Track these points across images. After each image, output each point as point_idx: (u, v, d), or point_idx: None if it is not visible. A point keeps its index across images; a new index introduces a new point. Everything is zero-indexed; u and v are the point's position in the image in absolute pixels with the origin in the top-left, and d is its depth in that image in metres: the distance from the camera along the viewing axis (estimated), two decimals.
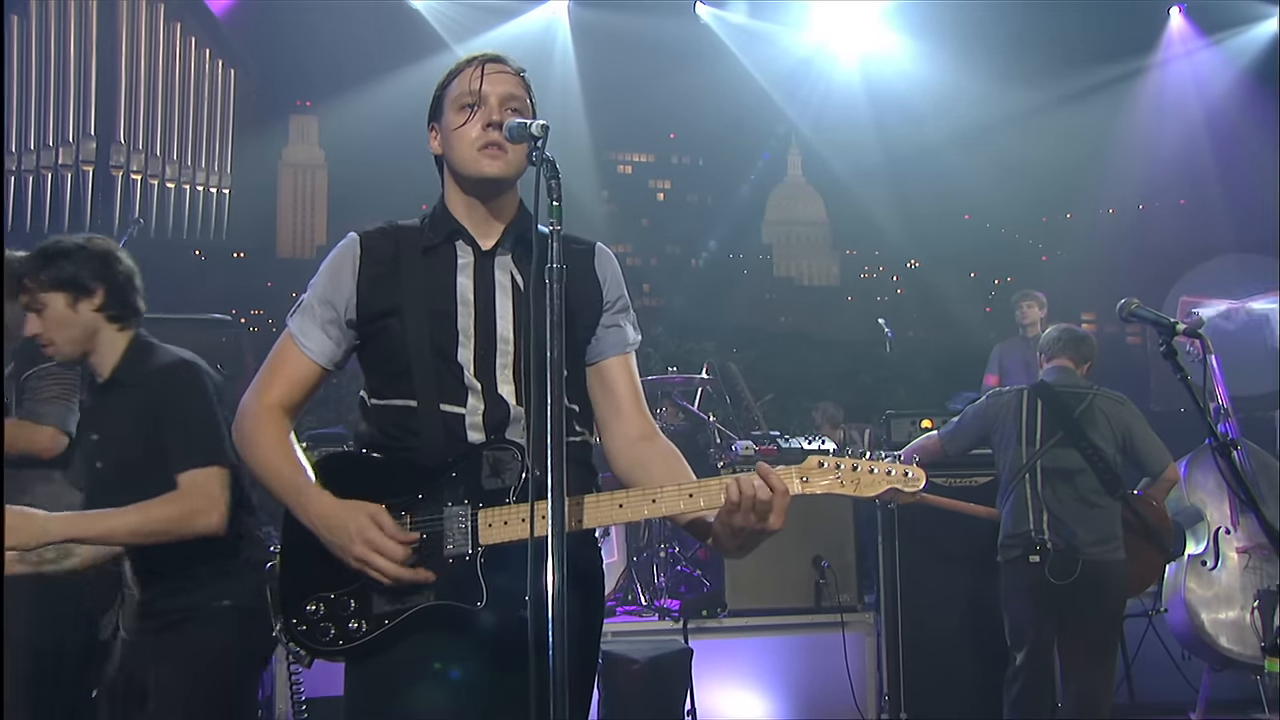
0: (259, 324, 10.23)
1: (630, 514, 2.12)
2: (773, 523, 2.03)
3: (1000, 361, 7.95)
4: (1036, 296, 7.89)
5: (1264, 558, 5.99)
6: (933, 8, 9.87)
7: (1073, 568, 4.40)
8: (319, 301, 2.28)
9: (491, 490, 2.13)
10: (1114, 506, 4.54)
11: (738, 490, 2.02)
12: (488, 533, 2.10)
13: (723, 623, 5.49)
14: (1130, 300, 3.32)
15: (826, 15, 10.44)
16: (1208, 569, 5.98)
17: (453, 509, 2.12)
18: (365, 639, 2.10)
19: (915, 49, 10.36)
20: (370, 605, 2.10)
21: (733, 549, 2.10)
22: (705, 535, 2.19)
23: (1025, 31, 9.54)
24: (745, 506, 2.02)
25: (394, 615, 2.10)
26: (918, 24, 10.17)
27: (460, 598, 2.09)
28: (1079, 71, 9.79)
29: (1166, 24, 10.54)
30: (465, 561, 2.10)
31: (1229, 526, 6.08)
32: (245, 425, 2.26)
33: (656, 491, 2.12)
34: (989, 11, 9.57)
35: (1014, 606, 4.62)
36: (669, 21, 10.31)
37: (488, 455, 2.16)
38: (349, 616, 2.10)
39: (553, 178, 2.00)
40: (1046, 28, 9.45)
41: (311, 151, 12.04)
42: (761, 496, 2.01)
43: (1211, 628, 5.91)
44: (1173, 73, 10.55)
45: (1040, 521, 4.49)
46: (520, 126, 2.12)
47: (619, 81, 10.56)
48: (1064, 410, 4.63)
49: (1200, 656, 6.09)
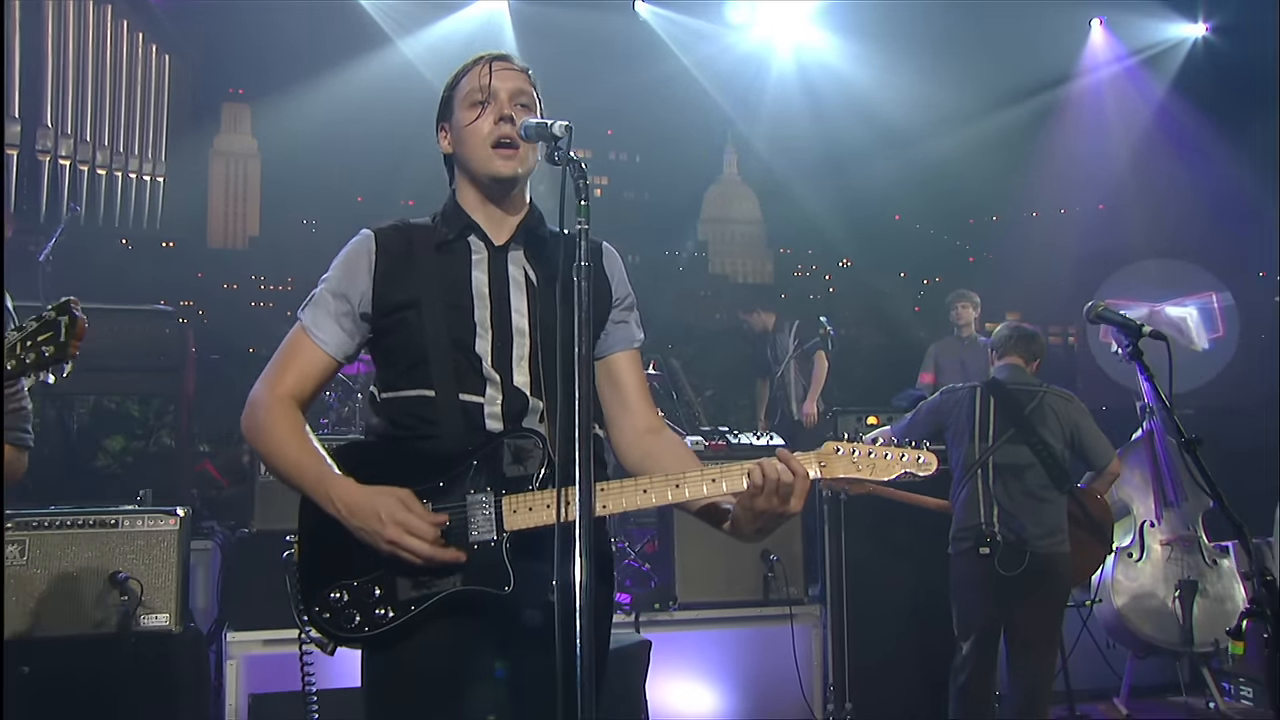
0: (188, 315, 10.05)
1: (654, 498, 2.18)
2: (793, 505, 2.14)
3: (936, 360, 8.17)
4: (970, 297, 8.11)
5: (1185, 549, 6.28)
6: (865, 10, 10.03)
7: (1021, 560, 4.58)
8: (333, 295, 2.33)
9: (514, 478, 2.19)
10: (1061, 500, 4.74)
11: (761, 475, 2.13)
12: (512, 519, 2.16)
13: (673, 615, 5.55)
14: (1098, 303, 3.48)
15: (765, 15, 10.56)
16: (1133, 560, 6.25)
17: (475, 496, 2.18)
18: (392, 625, 2.14)
19: (849, 50, 10.49)
20: (396, 592, 2.14)
21: (751, 532, 2.20)
22: (718, 521, 2.28)
23: (954, 36, 9.74)
24: (769, 490, 2.12)
25: (420, 601, 2.14)
26: (851, 25, 10.31)
27: (488, 582, 2.15)
28: (1006, 78, 10.03)
29: (1088, 35, 10.89)
30: (491, 547, 2.15)
31: (1153, 520, 6.36)
32: (259, 416, 2.28)
33: (680, 476, 2.19)
34: (920, 15, 9.75)
35: (963, 597, 4.79)
36: (609, 18, 10.32)
37: (509, 443, 2.22)
38: (375, 603, 2.14)
39: (580, 177, 2.06)
40: (974, 33, 9.64)
41: (244, 140, 11.85)
42: (785, 479, 2.12)
43: (1136, 617, 6.18)
44: (1094, 82, 10.88)
45: (991, 515, 4.67)
46: (540, 126, 2.18)
47: (558, 76, 10.40)
48: (1015, 407, 4.82)
49: (1125, 644, 6.37)
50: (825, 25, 10.61)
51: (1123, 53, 10.85)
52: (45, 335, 2.15)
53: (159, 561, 4.23)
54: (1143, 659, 6.51)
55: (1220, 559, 6.29)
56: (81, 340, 2.16)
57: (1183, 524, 6.33)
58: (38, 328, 2.16)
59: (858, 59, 10.52)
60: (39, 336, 2.15)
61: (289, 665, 4.86)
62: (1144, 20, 10.54)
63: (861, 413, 6.01)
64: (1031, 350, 5.11)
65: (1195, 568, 6.22)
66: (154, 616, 4.18)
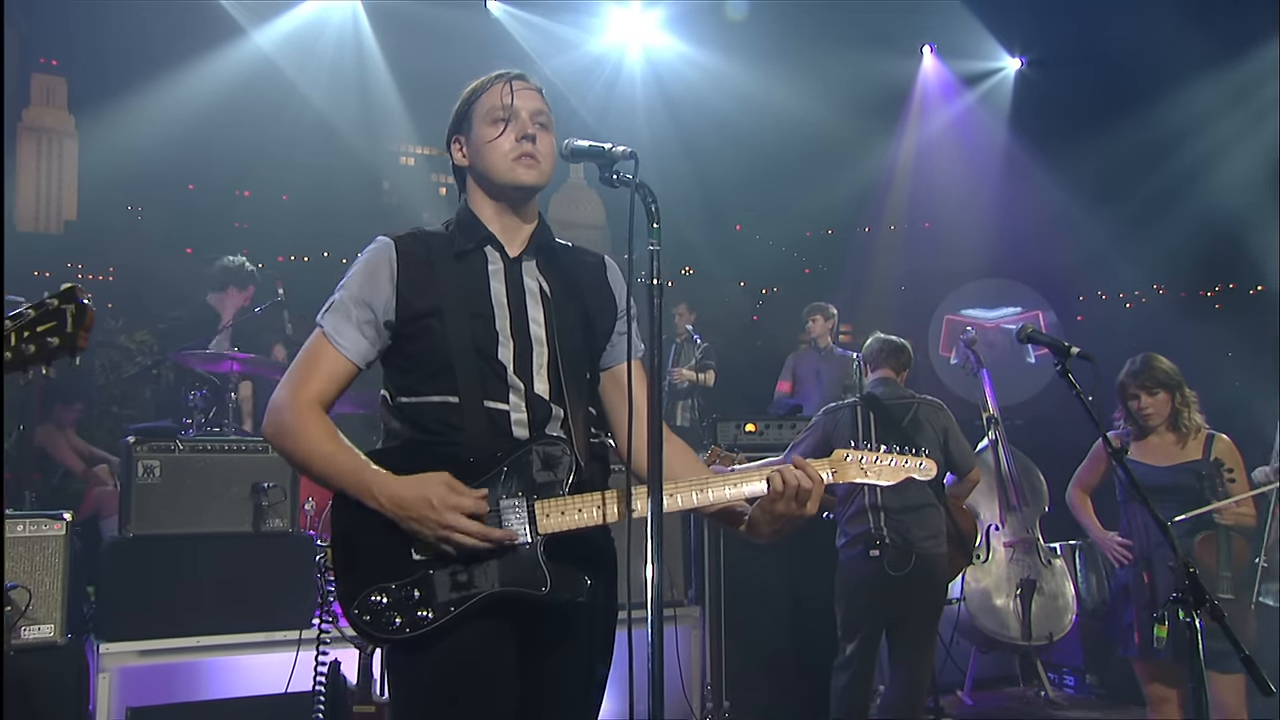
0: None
1: (680, 503, 2.31)
2: (810, 508, 2.30)
3: (793, 370, 8.44)
4: (825, 309, 8.41)
5: (1025, 551, 6.76)
6: (709, 17, 10.25)
7: (908, 560, 4.83)
8: (354, 302, 2.34)
9: (544, 483, 2.26)
10: (940, 505, 5.02)
11: (781, 481, 2.29)
12: (545, 522, 2.24)
13: None
14: (1026, 325, 3.70)
15: (617, 19, 10.64)
16: (980, 562, 6.66)
17: (508, 501, 2.23)
18: (432, 626, 2.16)
19: (697, 58, 10.66)
20: (435, 593, 2.17)
21: (768, 534, 2.35)
22: (734, 523, 2.42)
23: (800, 50, 10.05)
24: (789, 495, 2.28)
25: (460, 602, 2.17)
26: (700, 34, 10.51)
27: (526, 584, 2.20)
28: (845, 94, 10.40)
29: (920, 61, 11.48)
30: (526, 549, 2.21)
31: (998, 524, 6.81)
32: (287, 420, 2.29)
33: (704, 481, 2.33)
34: (763, 28, 10.05)
35: (851, 599, 5.00)
36: (460, 14, 10.19)
37: (538, 450, 2.28)
38: (416, 605, 2.16)
39: (652, 201, 2.17)
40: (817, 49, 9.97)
41: (58, 116, 11.03)
42: (804, 486, 2.28)
43: (982, 614, 6.60)
44: (925, 104, 11.48)
45: (879, 520, 4.89)
46: (596, 150, 2.28)
47: (407, 71, 10.33)
48: (893, 421, 5.06)
49: (971, 640, 6.79)
50: (674, 32, 10.76)
51: (949, 79, 11.48)
52: (48, 325, 1.98)
53: (42, 569, 3.97)
54: (985, 653, 6.96)
55: (1054, 559, 6.79)
56: (90, 331, 2.00)
57: (1024, 527, 6.80)
58: (37, 316, 1.98)
59: (702, 68, 10.71)
60: (40, 326, 1.98)
61: (168, 676, 4.65)
62: (971, 48, 11.16)
63: (741, 420, 6.16)
64: (901, 361, 5.37)
65: (1034, 568, 6.70)
66: (36, 628, 3.90)
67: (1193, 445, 4.65)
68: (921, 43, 11.42)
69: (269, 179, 10.06)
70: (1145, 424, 4.68)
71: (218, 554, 4.76)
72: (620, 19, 10.69)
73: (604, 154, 2.25)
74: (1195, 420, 4.65)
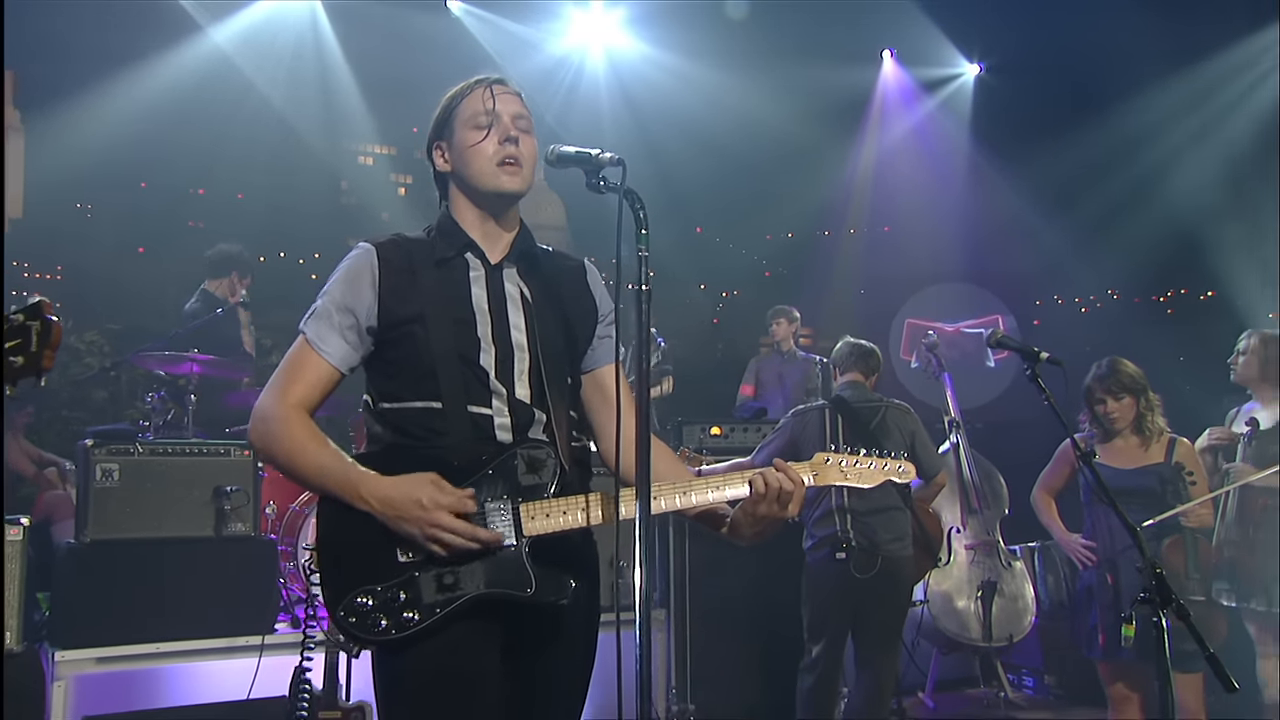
0: None
1: (664, 505, 2.32)
2: (791, 510, 2.32)
3: (756, 374, 8.45)
4: (788, 312, 8.44)
5: (986, 553, 6.81)
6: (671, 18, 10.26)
7: (874, 562, 4.85)
8: (336, 309, 2.34)
9: (529, 486, 2.28)
10: (906, 508, 5.04)
11: (763, 483, 2.31)
12: (530, 525, 2.25)
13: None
14: (995, 330, 3.73)
15: (579, 19, 10.62)
16: (943, 564, 6.70)
17: (493, 504, 2.24)
18: (418, 627, 2.16)
19: (659, 59, 10.66)
20: (420, 595, 2.18)
21: (750, 535, 2.37)
22: (715, 525, 2.44)
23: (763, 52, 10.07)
24: (770, 497, 2.30)
25: (445, 604, 2.18)
26: (657, 34, 10.50)
27: (510, 585, 2.21)
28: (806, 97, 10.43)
29: (881, 65, 11.56)
30: (511, 552, 2.22)
31: (959, 526, 6.86)
32: (272, 426, 2.29)
33: (688, 484, 2.35)
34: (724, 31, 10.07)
35: (818, 601, 5.01)
36: (420, 13, 10.11)
37: (523, 454, 2.29)
38: (401, 607, 2.17)
39: (640, 208, 2.16)
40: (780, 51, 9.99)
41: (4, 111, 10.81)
42: (786, 488, 2.30)
43: (944, 616, 6.64)
44: (886, 109, 11.56)
45: (845, 524, 4.91)
46: (582, 156, 2.25)
47: (366, 70, 10.23)
48: (861, 423, 5.08)
49: (933, 642, 6.83)
50: (636, 33, 10.76)
51: (910, 84, 11.57)
52: (13, 343, 1.90)
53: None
54: (946, 655, 7.00)
55: (1014, 561, 6.85)
56: (57, 349, 1.92)
57: (984, 530, 6.85)
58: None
59: (666, 68, 10.70)
60: (3, 344, 1.90)
61: (126, 684, 4.55)
62: (930, 54, 11.26)
63: (706, 424, 6.16)
64: (869, 365, 5.40)
65: (995, 570, 6.75)
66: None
67: (1155, 448, 4.72)
68: (881, 48, 11.50)
69: (225, 178, 9.92)
70: (1111, 427, 4.74)
71: (179, 559, 4.67)
72: (582, 20, 10.66)
73: (590, 160, 2.24)
74: (1158, 424, 4.72)
